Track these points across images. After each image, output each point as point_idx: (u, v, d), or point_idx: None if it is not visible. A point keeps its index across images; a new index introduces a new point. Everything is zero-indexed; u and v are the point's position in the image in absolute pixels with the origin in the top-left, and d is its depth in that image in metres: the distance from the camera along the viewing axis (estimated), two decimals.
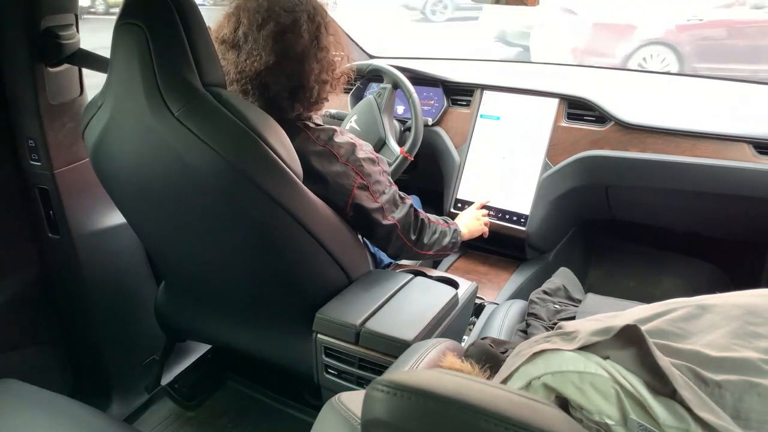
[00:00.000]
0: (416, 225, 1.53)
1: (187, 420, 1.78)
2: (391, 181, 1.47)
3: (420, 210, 1.56)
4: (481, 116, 2.20)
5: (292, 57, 1.27)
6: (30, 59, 1.44)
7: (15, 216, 1.60)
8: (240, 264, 1.34)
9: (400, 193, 1.49)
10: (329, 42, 1.34)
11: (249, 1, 1.27)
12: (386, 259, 1.70)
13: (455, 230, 1.69)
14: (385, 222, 1.42)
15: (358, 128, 2.03)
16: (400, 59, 2.52)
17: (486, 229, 2.00)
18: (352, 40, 2.56)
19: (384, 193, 1.42)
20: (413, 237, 1.52)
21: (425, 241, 1.56)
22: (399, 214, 1.45)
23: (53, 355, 1.76)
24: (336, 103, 2.23)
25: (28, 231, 1.63)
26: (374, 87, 2.42)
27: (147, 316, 1.70)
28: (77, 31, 1.52)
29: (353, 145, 1.37)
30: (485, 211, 2.10)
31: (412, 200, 1.52)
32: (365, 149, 1.40)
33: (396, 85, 2.04)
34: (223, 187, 1.13)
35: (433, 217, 1.63)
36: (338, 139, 1.35)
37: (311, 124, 1.35)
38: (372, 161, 1.40)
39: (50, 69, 1.48)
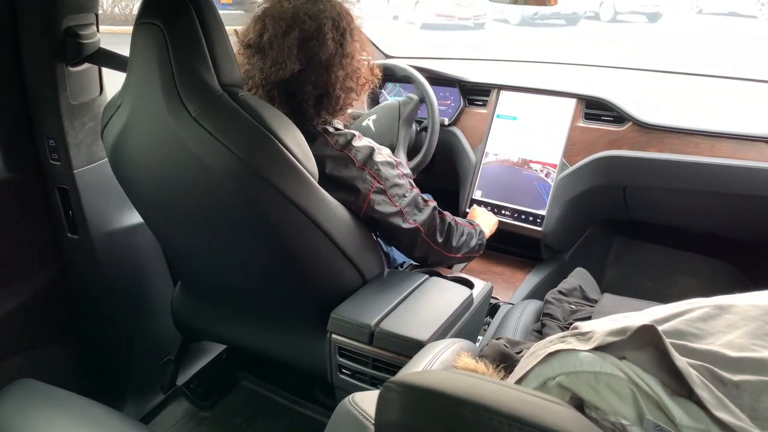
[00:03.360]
0: (442, 228, 1.50)
1: (201, 420, 1.79)
2: (413, 184, 1.45)
3: (446, 213, 1.54)
4: (498, 116, 2.19)
5: (316, 65, 1.27)
6: (51, 59, 1.45)
7: (35, 215, 1.62)
8: (255, 264, 1.34)
9: (423, 195, 1.47)
10: (354, 49, 1.34)
11: (274, 7, 1.27)
12: (399, 259, 1.70)
13: (480, 231, 1.68)
14: (406, 226, 1.40)
15: (373, 129, 2.03)
16: (417, 59, 2.52)
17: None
18: (368, 39, 2.55)
19: (404, 196, 1.40)
20: (440, 240, 1.49)
21: (454, 243, 1.54)
22: (422, 217, 1.43)
23: (70, 355, 1.77)
24: None
25: (47, 231, 1.65)
26: (389, 86, 2.42)
27: (163, 316, 1.72)
28: (97, 30, 1.53)
29: (371, 150, 1.36)
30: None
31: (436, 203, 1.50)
32: (383, 153, 1.39)
33: (422, 99, 2.02)
34: (239, 186, 1.13)
35: (459, 219, 1.61)
36: (356, 143, 1.34)
37: (330, 129, 1.35)
38: (390, 165, 1.38)
39: (71, 68, 1.49)
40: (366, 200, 1.33)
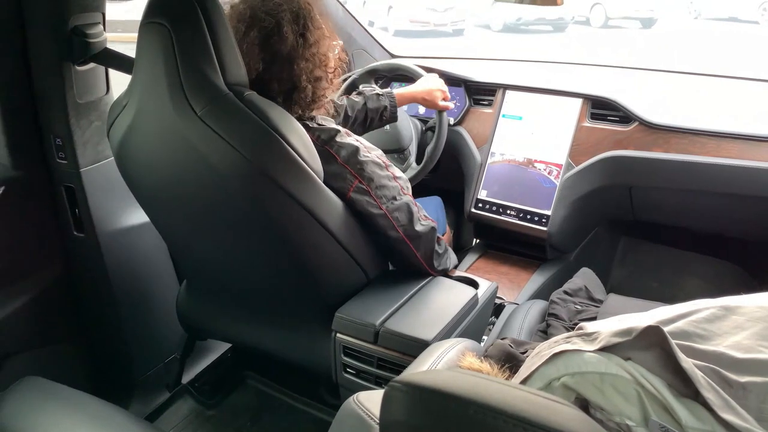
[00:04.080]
0: (440, 250, 1.45)
1: (207, 418, 1.79)
2: (408, 191, 1.39)
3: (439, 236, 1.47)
4: (504, 116, 2.19)
5: (279, 60, 1.24)
6: (58, 58, 1.46)
7: (41, 214, 1.62)
8: (260, 263, 1.34)
9: (424, 212, 1.40)
10: (319, 35, 1.29)
11: (233, 11, 1.25)
12: None
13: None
14: (392, 233, 1.34)
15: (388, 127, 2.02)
16: (423, 59, 2.52)
17: None
18: (374, 39, 2.56)
19: (393, 199, 1.34)
20: (437, 264, 1.44)
21: (447, 266, 1.49)
22: (416, 230, 1.36)
23: (76, 353, 1.78)
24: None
25: (53, 229, 1.66)
26: (395, 86, 2.42)
27: (168, 315, 1.72)
28: (104, 29, 1.53)
29: (356, 148, 1.30)
30: None
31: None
32: (372, 153, 1.33)
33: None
34: (244, 185, 1.14)
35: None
36: (341, 139, 1.30)
37: (313, 124, 1.31)
38: (378, 165, 1.32)
39: (78, 67, 1.50)
40: (345, 199, 1.29)
